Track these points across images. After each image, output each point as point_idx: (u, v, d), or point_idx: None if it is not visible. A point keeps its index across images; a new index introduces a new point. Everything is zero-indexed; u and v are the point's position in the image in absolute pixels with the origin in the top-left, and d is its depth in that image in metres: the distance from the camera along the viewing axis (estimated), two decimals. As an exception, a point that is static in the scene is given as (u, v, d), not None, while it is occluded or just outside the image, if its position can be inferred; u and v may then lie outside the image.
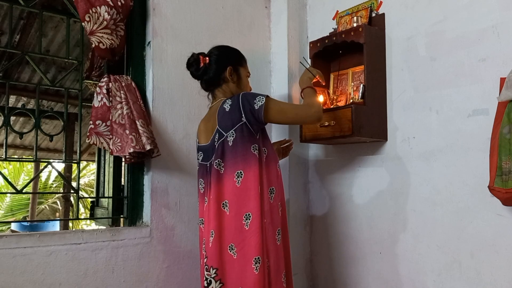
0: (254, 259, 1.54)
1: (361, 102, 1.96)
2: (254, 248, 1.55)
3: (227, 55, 1.78)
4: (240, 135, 1.59)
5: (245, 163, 1.59)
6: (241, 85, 1.78)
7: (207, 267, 1.60)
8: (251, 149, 1.60)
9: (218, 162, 1.63)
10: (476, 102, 1.72)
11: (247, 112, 1.60)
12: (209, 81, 1.75)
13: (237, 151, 1.59)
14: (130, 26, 2.06)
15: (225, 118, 1.63)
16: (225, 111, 1.63)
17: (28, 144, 6.98)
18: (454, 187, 1.78)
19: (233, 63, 1.76)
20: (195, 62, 1.74)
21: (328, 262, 2.30)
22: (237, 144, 1.59)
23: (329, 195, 2.33)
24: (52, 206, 9.28)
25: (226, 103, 1.65)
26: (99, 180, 2.36)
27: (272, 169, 1.67)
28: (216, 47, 1.80)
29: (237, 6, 2.41)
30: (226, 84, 1.74)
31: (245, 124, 1.60)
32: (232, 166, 1.60)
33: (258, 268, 1.54)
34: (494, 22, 1.67)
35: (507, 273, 1.60)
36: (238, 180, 1.58)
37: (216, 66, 1.73)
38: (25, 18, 3.41)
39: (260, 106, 1.59)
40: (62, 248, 1.76)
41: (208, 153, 1.70)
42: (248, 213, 1.57)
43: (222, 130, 1.63)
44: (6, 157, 1.99)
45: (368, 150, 2.14)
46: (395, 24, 2.04)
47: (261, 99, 1.60)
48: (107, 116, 1.88)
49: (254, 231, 1.55)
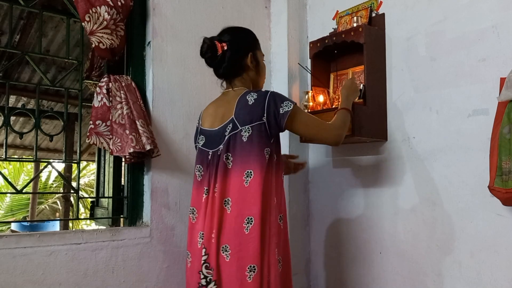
0: (249, 267, 1.43)
1: (361, 102, 1.96)
2: (252, 255, 1.44)
3: (246, 39, 1.65)
4: (257, 133, 1.49)
5: (257, 163, 1.48)
6: (260, 71, 1.68)
7: (208, 265, 1.50)
8: (264, 152, 1.50)
9: (227, 156, 1.52)
10: (476, 102, 1.72)
11: (270, 113, 1.49)
12: (229, 69, 1.61)
13: (251, 149, 1.48)
14: (130, 26, 2.06)
15: (245, 111, 1.51)
16: (247, 104, 1.51)
17: (28, 144, 6.98)
18: (454, 187, 1.78)
19: (253, 48, 1.64)
20: (210, 49, 1.58)
21: (328, 262, 2.30)
22: (252, 142, 1.49)
23: (329, 195, 2.33)
24: (52, 206, 9.29)
25: (250, 95, 1.52)
26: (99, 180, 2.36)
27: (280, 177, 1.59)
28: (230, 29, 1.65)
29: (237, 6, 2.41)
30: (246, 72, 1.62)
31: (264, 124, 1.49)
32: (242, 163, 1.49)
33: (251, 277, 1.43)
34: (494, 22, 1.67)
35: (507, 273, 1.60)
36: (247, 180, 1.48)
37: (236, 53, 1.59)
38: (25, 18, 3.41)
39: (285, 112, 1.49)
40: (62, 248, 1.76)
41: (213, 140, 1.58)
42: (251, 217, 1.46)
43: (238, 122, 1.51)
44: (6, 157, 1.99)
45: (368, 150, 2.14)
46: (395, 24, 2.04)
47: (288, 105, 1.50)
48: (107, 116, 1.88)
49: (254, 237, 1.44)
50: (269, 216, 1.50)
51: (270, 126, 1.50)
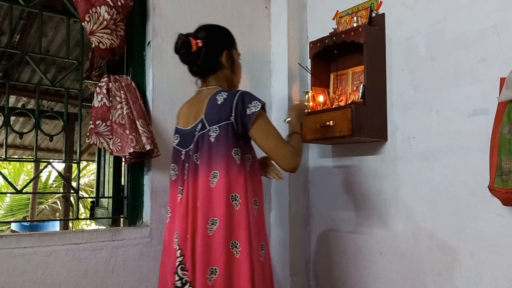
0: (210, 269, 1.40)
1: (361, 102, 1.96)
2: (213, 257, 1.40)
3: (221, 37, 1.61)
4: (225, 134, 1.45)
5: (222, 164, 1.44)
6: (235, 70, 1.64)
7: (184, 266, 1.45)
8: (232, 152, 1.45)
9: (196, 156, 1.48)
10: (476, 102, 1.72)
11: (238, 114, 1.44)
12: (203, 67, 1.58)
13: (218, 150, 1.45)
14: (130, 26, 2.06)
15: (213, 111, 1.48)
16: (216, 104, 1.47)
17: (28, 144, 6.98)
18: (454, 187, 1.78)
19: (228, 46, 1.61)
20: (185, 46, 1.54)
21: (328, 262, 2.30)
22: (220, 142, 1.45)
23: (329, 195, 2.33)
24: (52, 206, 9.29)
25: (220, 95, 1.49)
26: (99, 180, 2.36)
27: (256, 178, 1.53)
28: (207, 27, 1.61)
29: (237, 6, 2.41)
30: (221, 70, 1.58)
31: (231, 124, 1.45)
32: (209, 163, 1.45)
33: (212, 279, 1.39)
34: (494, 22, 1.67)
35: (507, 273, 1.60)
36: (213, 181, 1.44)
37: (211, 51, 1.55)
38: (25, 18, 3.41)
39: (252, 113, 1.44)
40: (62, 248, 1.76)
41: (186, 139, 1.55)
42: (215, 219, 1.42)
43: (206, 122, 1.48)
44: (6, 157, 1.99)
45: (368, 150, 2.14)
46: (395, 24, 2.04)
47: (256, 105, 1.44)
48: (107, 116, 1.88)
49: (217, 239, 1.41)
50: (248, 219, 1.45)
51: (237, 126, 1.45)
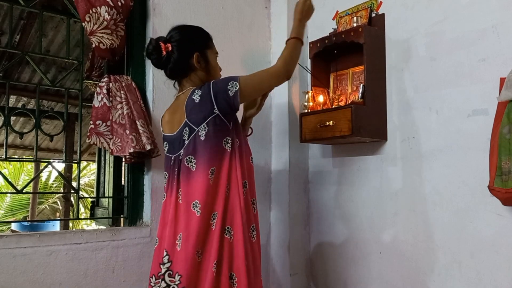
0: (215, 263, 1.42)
1: (361, 102, 1.96)
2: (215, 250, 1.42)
3: (191, 39, 1.58)
4: (213, 128, 1.46)
5: (218, 159, 1.46)
6: (210, 70, 1.61)
7: (171, 272, 1.44)
8: (223, 144, 1.48)
9: (189, 159, 1.48)
10: (476, 102, 1.72)
11: (221, 102, 1.44)
12: (174, 71, 1.57)
13: (211, 146, 1.46)
14: (130, 26, 2.06)
15: (195, 111, 1.47)
16: (195, 103, 1.47)
17: (28, 144, 6.98)
18: (454, 187, 1.78)
19: (200, 48, 1.57)
20: (155, 50, 1.54)
21: (328, 262, 2.30)
22: (210, 138, 1.46)
23: (329, 195, 2.33)
24: (52, 206, 9.29)
25: (195, 94, 1.48)
26: (99, 180, 2.36)
27: (244, 162, 1.54)
28: (177, 28, 1.59)
29: (237, 6, 2.41)
30: (194, 72, 1.57)
31: (218, 116, 1.45)
32: (205, 162, 1.45)
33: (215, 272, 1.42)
34: (494, 22, 1.67)
35: (507, 273, 1.60)
36: (212, 178, 1.45)
37: (181, 54, 1.54)
38: (25, 18, 3.42)
39: (235, 93, 1.44)
40: (62, 248, 1.76)
41: (174, 144, 1.55)
42: (215, 213, 1.45)
43: (193, 124, 1.48)
44: (6, 157, 1.99)
45: (368, 150, 2.14)
46: (395, 24, 2.04)
47: (234, 85, 1.45)
48: (107, 116, 1.88)
49: (217, 232, 1.43)
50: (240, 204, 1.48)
51: (225, 114, 1.47)
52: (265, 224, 2.39)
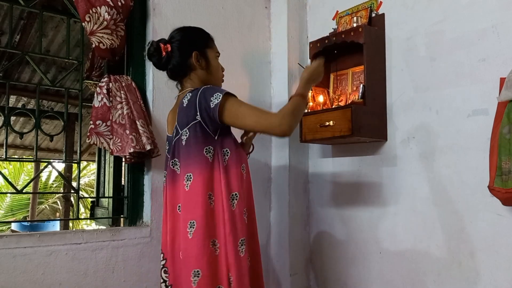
0: (193, 272, 1.38)
1: (361, 102, 1.96)
2: (195, 259, 1.38)
3: (190, 39, 1.58)
4: (193, 134, 1.43)
5: (195, 165, 1.42)
6: (211, 69, 1.59)
7: (166, 269, 1.52)
8: (204, 152, 1.43)
9: (174, 162, 1.50)
10: (476, 102, 1.72)
11: (202, 110, 1.41)
12: (174, 71, 1.58)
13: (189, 152, 1.44)
14: (130, 26, 2.06)
15: (181, 114, 1.48)
16: (183, 106, 1.47)
17: (28, 144, 6.98)
18: (454, 187, 1.78)
19: (199, 47, 1.57)
20: (156, 52, 1.56)
21: (328, 262, 2.30)
22: (190, 144, 1.44)
23: (329, 195, 2.33)
24: (53, 206, 9.29)
25: (185, 97, 1.48)
26: (99, 180, 2.36)
27: (233, 173, 1.46)
28: (178, 30, 1.61)
29: (237, 6, 2.41)
30: (194, 72, 1.56)
31: (199, 124, 1.42)
32: (183, 167, 1.45)
33: (196, 282, 1.37)
34: (494, 22, 1.67)
35: (507, 273, 1.60)
36: (187, 183, 1.43)
37: (180, 53, 1.55)
38: (25, 18, 3.42)
39: (215, 105, 1.38)
40: (62, 248, 1.76)
41: (170, 146, 1.56)
42: (193, 221, 1.40)
43: (179, 127, 1.48)
44: (6, 157, 1.99)
45: (368, 150, 2.14)
46: (395, 24, 2.04)
47: (218, 97, 1.39)
48: (107, 116, 1.88)
49: (196, 241, 1.39)
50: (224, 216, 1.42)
51: (206, 123, 1.42)
52: (265, 224, 2.39)
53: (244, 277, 1.42)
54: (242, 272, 1.42)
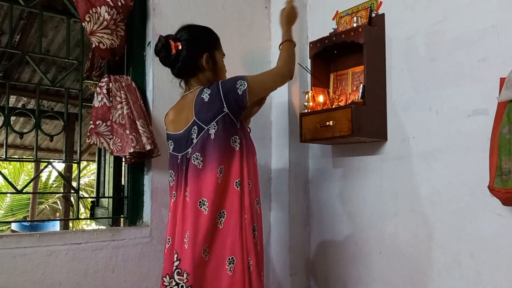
0: (228, 259, 1.44)
1: (361, 102, 1.96)
2: (229, 247, 1.44)
3: (201, 39, 1.59)
4: (223, 127, 1.47)
5: (226, 157, 1.48)
6: (218, 71, 1.63)
7: (180, 270, 1.46)
8: (231, 142, 1.49)
9: (196, 156, 1.49)
10: (476, 102, 1.72)
11: (230, 101, 1.47)
12: (184, 70, 1.58)
13: (220, 145, 1.47)
14: (130, 26, 2.06)
15: (204, 109, 1.49)
16: (204, 102, 1.49)
17: (28, 144, 6.98)
18: (454, 187, 1.78)
19: (209, 48, 1.59)
20: (164, 48, 1.55)
21: (328, 262, 2.30)
22: (220, 137, 1.47)
23: (329, 195, 2.33)
24: (53, 206, 9.29)
25: (204, 93, 1.50)
26: (99, 180, 2.36)
27: (250, 161, 1.55)
28: (187, 28, 1.60)
29: (237, 6, 2.41)
30: (202, 72, 1.58)
31: (227, 115, 1.48)
32: (214, 161, 1.47)
33: (232, 269, 1.43)
34: (494, 22, 1.67)
35: (507, 273, 1.60)
36: (220, 176, 1.47)
37: (190, 53, 1.55)
38: (25, 18, 3.42)
39: (244, 91, 1.48)
40: (62, 248, 1.76)
41: (180, 143, 1.56)
42: (223, 211, 1.47)
43: (202, 123, 1.49)
44: (6, 157, 1.99)
45: (368, 150, 2.14)
46: (395, 24, 2.04)
47: (242, 84, 1.49)
48: (107, 116, 1.88)
49: (228, 229, 1.45)
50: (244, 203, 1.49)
51: (234, 113, 1.50)
52: (265, 224, 2.39)
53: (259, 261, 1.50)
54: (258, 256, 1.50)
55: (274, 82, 1.64)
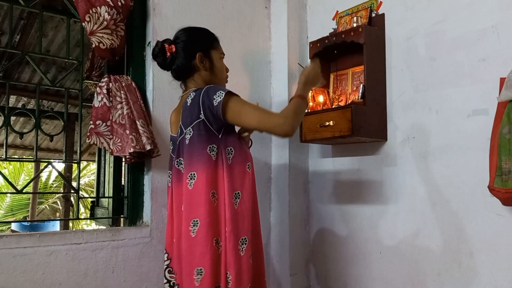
0: (196, 270, 1.40)
1: (361, 102, 1.96)
2: (198, 258, 1.40)
3: (195, 39, 1.59)
4: (197, 133, 1.44)
5: (199, 164, 1.43)
6: (215, 70, 1.60)
7: (171, 269, 1.54)
8: (207, 150, 1.44)
9: (179, 161, 1.51)
10: (476, 102, 1.72)
11: (206, 109, 1.42)
12: (178, 72, 1.59)
13: (193, 151, 1.45)
14: (130, 26, 2.06)
15: (185, 114, 1.49)
16: (187, 106, 1.48)
17: (28, 144, 6.98)
18: (454, 187, 1.78)
19: (203, 48, 1.58)
20: (161, 52, 1.57)
21: (328, 262, 2.30)
22: (194, 143, 1.45)
23: (329, 195, 2.33)
24: (53, 206, 9.29)
25: (189, 96, 1.49)
26: (99, 180, 2.36)
27: (238, 171, 1.48)
28: (183, 30, 1.61)
29: (237, 6, 2.41)
30: (197, 73, 1.57)
31: (203, 122, 1.44)
32: (187, 166, 1.46)
33: (199, 280, 1.39)
34: (494, 22, 1.67)
35: (507, 273, 1.60)
36: (191, 182, 1.44)
37: (184, 54, 1.55)
38: (25, 18, 3.42)
39: (218, 103, 1.40)
40: (62, 248, 1.76)
41: (174, 146, 1.59)
42: (196, 220, 1.42)
43: (183, 127, 1.50)
44: (6, 157, 1.99)
45: (368, 150, 2.14)
46: (395, 24, 2.04)
47: (220, 95, 1.41)
48: (107, 116, 1.88)
49: (200, 239, 1.40)
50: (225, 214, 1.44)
51: (210, 122, 1.44)
52: (265, 224, 2.39)
53: (243, 276, 1.42)
54: (241, 270, 1.42)
55: (258, 121, 1.42)
